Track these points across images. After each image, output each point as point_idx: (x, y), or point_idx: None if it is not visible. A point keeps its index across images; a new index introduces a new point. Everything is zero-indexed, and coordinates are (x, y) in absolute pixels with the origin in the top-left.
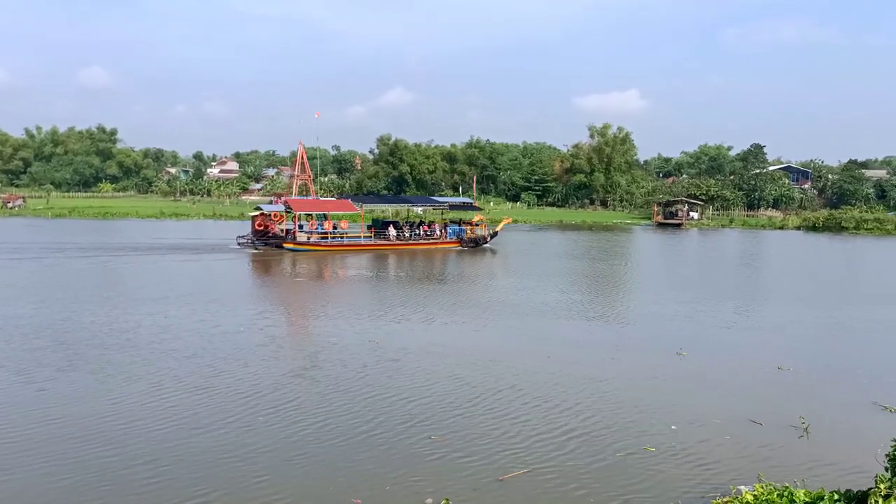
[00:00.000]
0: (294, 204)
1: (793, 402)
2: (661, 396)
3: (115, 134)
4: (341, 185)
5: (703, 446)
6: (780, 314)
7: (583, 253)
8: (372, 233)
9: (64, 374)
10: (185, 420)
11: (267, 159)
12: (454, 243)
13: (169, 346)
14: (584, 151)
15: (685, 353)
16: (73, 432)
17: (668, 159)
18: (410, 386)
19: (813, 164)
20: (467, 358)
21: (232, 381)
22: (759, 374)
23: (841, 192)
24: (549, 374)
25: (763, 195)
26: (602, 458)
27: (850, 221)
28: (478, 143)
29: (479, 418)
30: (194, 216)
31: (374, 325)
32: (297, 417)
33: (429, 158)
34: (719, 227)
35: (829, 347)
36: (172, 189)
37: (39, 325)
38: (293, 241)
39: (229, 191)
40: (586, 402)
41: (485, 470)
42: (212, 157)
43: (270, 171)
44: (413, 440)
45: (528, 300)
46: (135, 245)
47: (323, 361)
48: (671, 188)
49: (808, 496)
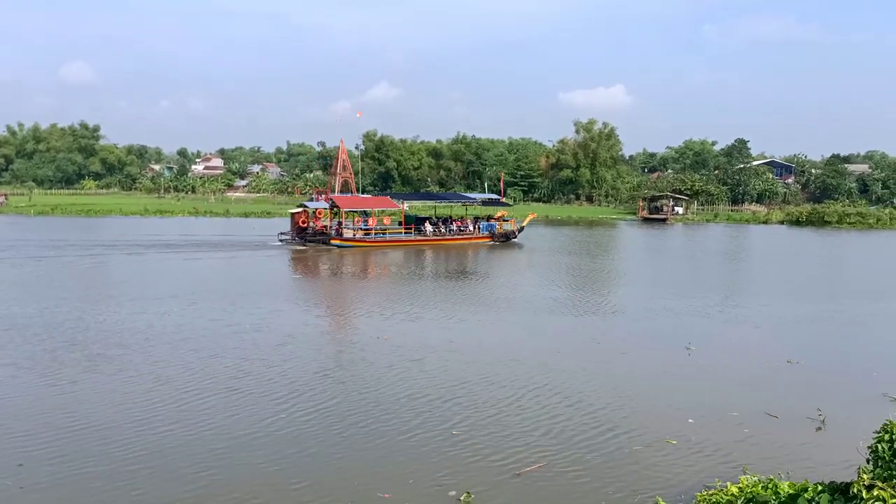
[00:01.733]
0: (340, 201)
1: (805, 395)
2: (676, 391)
3: (98, 130)
4: (327, 181)
5: (723, 439)
6: (780, 309)
7: (578, 249)
8: (412, 229)
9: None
10: (218, 422)
11: (252, 155)
12: (486, 238)
13: (227, 345)
14: (570, 147)
15: (694, 348)
16: (109, 437)
17: (653, 154)
18: (432, 383)
19: (796, 158)
20: (486, 355)
21: (271, 382)
22: (768, 368)
23: (824, 186)
24: (562, 369)
25: (747, 190)
26: (621, 450)
27: (833, 216)
28: (464, 139)
29: (498, 414)
30: (178, 213)
31: (412, 324)
32: (323, 416)
33: (414, 154)
34: (704, 221)
35: (833, 341)
36: (156, 186)
37: (86, 326)
38: (340, 238)
39: (214, 187)
40: (601, 396)
41: (505, 464)
42: (196, 154)
43: (255, 168)
44: (436, 435)
45: (538, 295)
46: (167, 242)
47: (348, 361)
48: (656, 183)
49: (793, 487)
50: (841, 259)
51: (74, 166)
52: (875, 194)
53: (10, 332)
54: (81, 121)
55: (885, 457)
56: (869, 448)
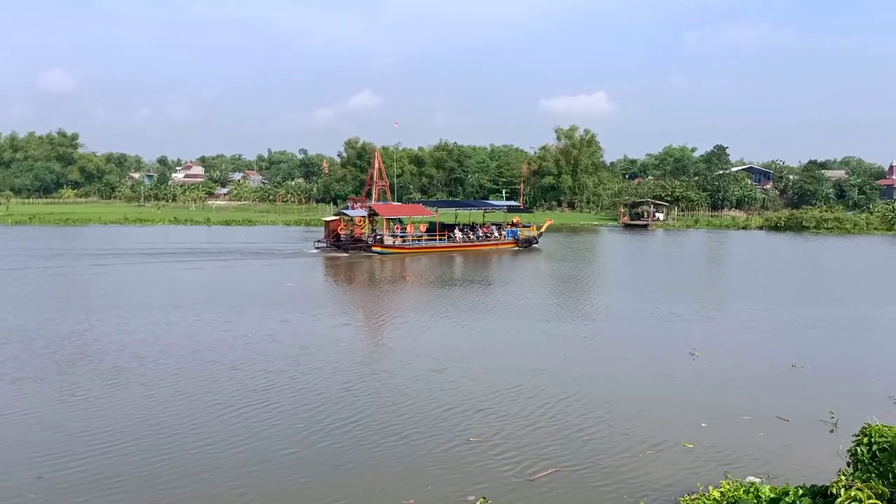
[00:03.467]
0: (380, 209)
1: (813, 398)
2: (685, 395)
3: (77, 139)
4: (309, 188)
5: (739, 442)
6: (777, 313)
7: (572, 255)
8: (446, 235)
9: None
10: (239, 433)
11: (233, 163)
12: (511, 243)
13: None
14: (552, 154)
15: (698, 353)
16: (131, 451)
17: (634, 161)
18: (449, 391)
19: (774, 164)
20: (496, 363)
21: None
22: (773, 371)
23: (802, 192)
24: (569, 376)
25: (727, 196)
26: (635, 455)
27: (811, 221)
28: (446, 146)
29: (512, 421)
30: (159, 221)
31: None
32: (346, 426)
33: (396, 161)
34: (685, 227)
35: (834, 345)
36: (136, 194)
37: (145, 339)
38: (381, 245)
39: (195, 195)
40: (611, 402)
41: (519, 469)
42: (176, 162)
43: (237, 176)
44: (454, 443)
45: (544, 302)
46: (189, 249)
47: (374, 371)
48: (637, 189)
49: (774, 492)
50: (827, 263)
51: (52, 175)
52: (852, 199)
53: (19, 345)
54: (59, 129)
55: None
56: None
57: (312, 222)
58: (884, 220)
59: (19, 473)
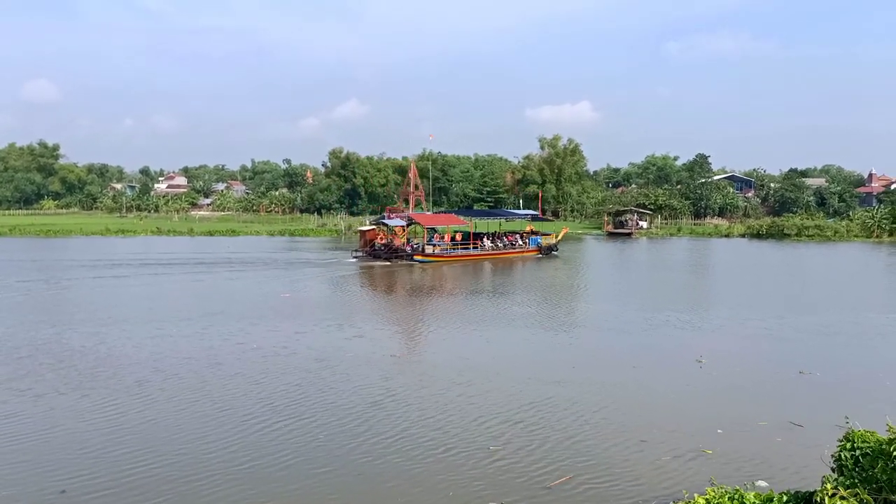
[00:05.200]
0: (420, 219)
1: (824, 404)
2: (697, 402)
3: (58, 149)
4: (293, 198)
5: (757, 447)
6: (776, 321)
7: (563, 264)
8: (479, 244)
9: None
10: (268, 443)
11: (216, 174)
12: (534, 251)
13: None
14: (536, 163)
15: (704, 361)
16: (168, 468)
17: (617, 169)
18: (471, 401)
19: (756, 173)
20: (512, 372)
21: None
22: (782, 378)
23: (783, 200)
24: (581, 385)
25: (709, 204)
26: (652, 461)
27: (793, 228)
28: (430, 156)
29: (530, 428)
30: (141, 232)
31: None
32: (371, 436)
33: (380, 171)
34: (668, 235)
35: (837, 352)
36: (118, 205)
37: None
38: (422, 253)
39: (178, 206)
40: (625, 409)
41: (538, 477)
42: (159, 172)
43: (220, 186)
44: (474, 451)
45: (552, 313)
46: (214, 260)
47: (404, 383)
48: (620, 198)
49: (759, 498)
50: (814, 270)
51: (33, 186)
52: (832, 207)
53: (33, 359)
54: (40, 140)
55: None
56: (833, 457)
57: (297, 232)
58: (863, 227)
59: (44, 487)
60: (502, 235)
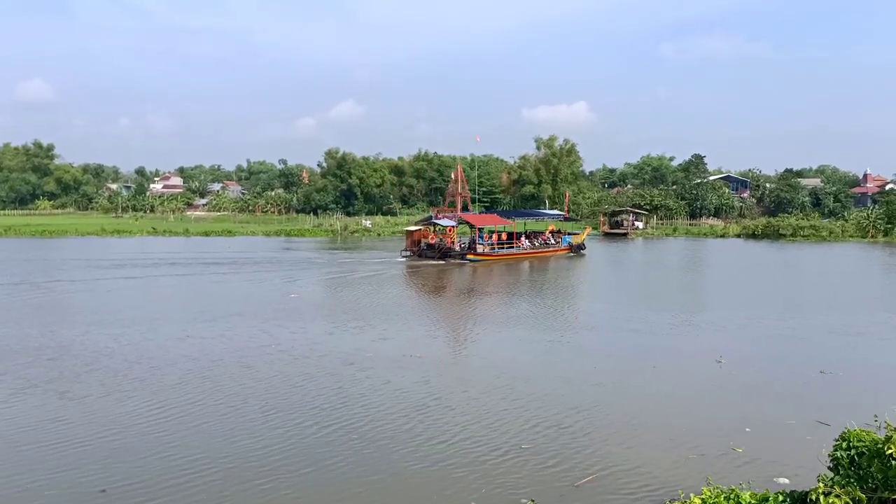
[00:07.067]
0: (473, 219)
1: (849, 403)
2: (721, 401)
3: (53, 149)
4: (288, 199)
5: (787, 446)
6: (789, 321)
7: (567, 264)
8: (519, 243)
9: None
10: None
11: (212, 174)
12: (566, 249)
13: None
14: (532, 163)
15: (724, 361)
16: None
17: (613, 170)
18: (504, 400)
19: (751, 173)
20: (538, 372)
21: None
22: (803, 378)
23: (778, 200)
24: (604, 385)
25: (704, 204)
26: (685, 459)
27: (788, 229)
28: (426, 156)
29: (561, 429)
30: (137, 233)
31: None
32: (408, 436)
33: (377, 171)
34: (664, 235)
35: (856, 351)
36: (114, 205)
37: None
38: (474, 252)
39: (173, 206)
40: (650, 409)
41: (569, 474)
42: (155, 173)
43: (216, 186)
44: (508, 450)
45: (573, 311)
46: (276, 259)
47: (445, 383)
48: (616, 198)
49: (754, 498)
50: (816, 270)
51: (28, 186)
52: (827, 207)
53: (64, 360)
54: (35, 140)
55: (843, 464)
56: (829, 456)
57: (293, 233)
58: (858, 227)
59: (83, 486)
60: (538, 235)
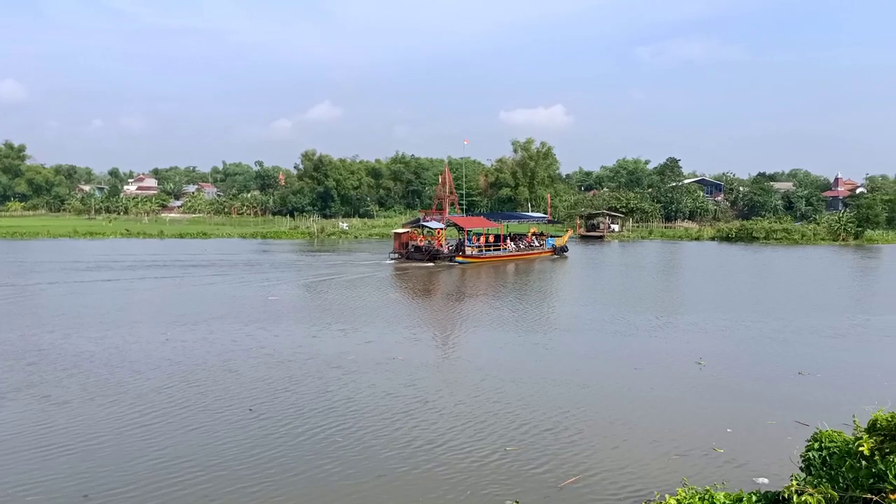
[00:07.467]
0: (462, 222)
1: (827, 403)
2: (702, 402)
3: (24, 150)
4: (265, 200)
5: (767, 446)
6: (765, 323)
7: (542, 267)
8: (507, 245)
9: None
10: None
11: (187, 175)
12: (550, 252)
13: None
14: (509, 166)
15: (704, 363)
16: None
17: (589, 173)
18: (487, 404)
19: (725, 177)
20: (521, 375)
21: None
22: (782, 379)
23: (751, 203)
24: (588, 386)
25: (679, 207)
26: (664, 461)
27: (761, 232)
28: (403, 159)
29: (543, 431)
30: (111, 234)
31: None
32: (391, 439)
33: (353, 174)
34: (639, 238)
35: (833, 353)
36: (86, 207)
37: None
38: (462, 255)
39: (147, 208)
40: (632, 410)
41: (551, 476)
42: (128, 174)
43: (191, 188)
44: (492, 452)
45: (557, 314)
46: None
47: (432, 386)
48: (592, 201)
49: (729, 498)
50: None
51: None
52: (799, 211)
53: (44, 364)
54: (6, 140)
55: (815, 464)
56: (801, 456)
57: (269, 235)
58: (830, 230)
59: (66, 492)
60: (522, 237)
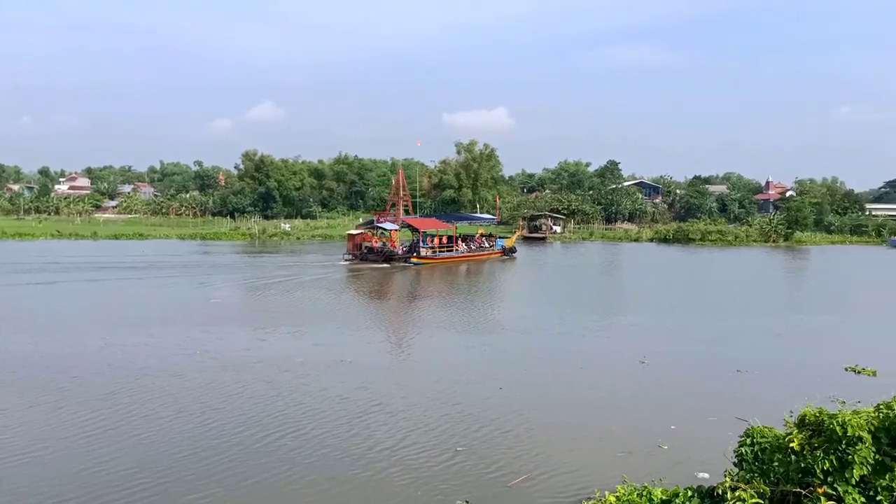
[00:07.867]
0: (416, 223)
1: (765, 400)
2: (646, 400)
3: None
4: (204, 201)
5: (710, 441)
6: (704, 322)
7: (490, 268)
8: (459, 246)
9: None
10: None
11: (122, 175)
12: (499, 253)
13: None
14: (452, 167)
15: (647, 362)
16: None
17: (532, 175)
18: (438, 403)
19: (663, 179)
20: (477, 376)
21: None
22: (722, 376)
23: (688, 206)
24: (535, 386)
25: (619, 209)
26: (610, 458)
27: (697, 233)
28: (346, 159)
29: (493, 429)
30: (40, 236)
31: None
32: (343, 441)
33: (296, 174)
34: (581, 240)
35: (769, 351)
36: (15, 207)
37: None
38: (417, 256)
39: (80, 208)
40: (578, 409)
41: (501, 475)
42: (60, 173)
43: (126, 188)
44: (442, 452)
45: (506, 316)
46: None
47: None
48: (535, 203)
49: (665, 494)
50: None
51: None
52: (732, 213)
53: (47, 370)
54: None
55: (748, 459)
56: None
57: (209, 236)
58: (761, 232)
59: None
60: (472, 238)
